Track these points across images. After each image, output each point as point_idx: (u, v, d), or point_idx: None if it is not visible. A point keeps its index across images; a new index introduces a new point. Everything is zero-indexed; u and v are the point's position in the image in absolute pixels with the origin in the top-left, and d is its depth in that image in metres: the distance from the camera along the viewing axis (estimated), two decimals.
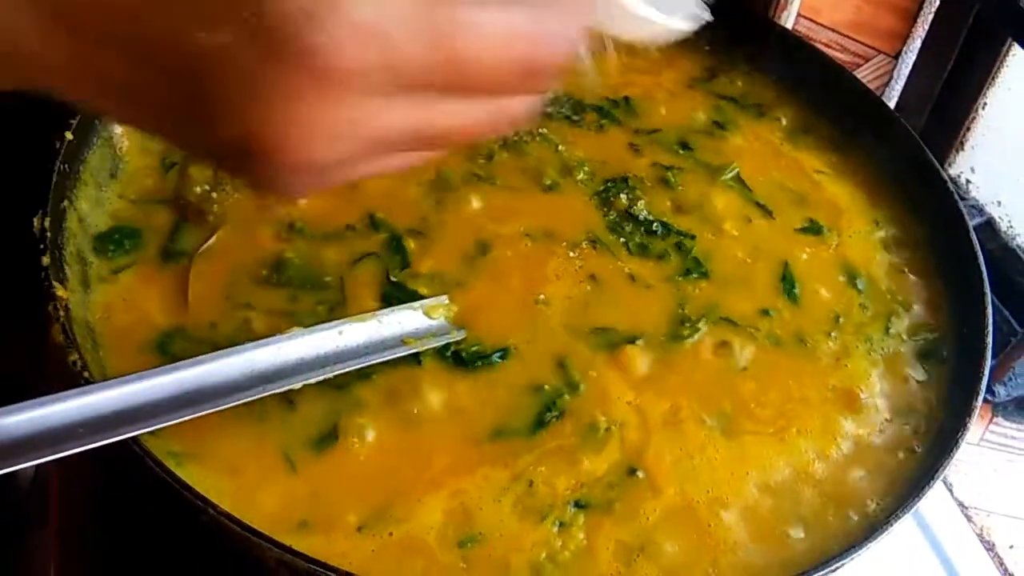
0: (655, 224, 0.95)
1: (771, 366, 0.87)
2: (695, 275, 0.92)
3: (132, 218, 0.87)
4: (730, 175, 1.02)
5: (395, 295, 0.85)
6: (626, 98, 1.08)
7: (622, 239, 0.93)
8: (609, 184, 0.98)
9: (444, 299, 0.84)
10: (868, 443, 0.84)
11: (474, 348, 0.82)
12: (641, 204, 0.96)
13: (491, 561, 0.71)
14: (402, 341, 0.80)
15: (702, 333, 0.87)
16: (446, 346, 0.82)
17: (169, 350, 0.78)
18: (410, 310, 0.82)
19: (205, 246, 0.85)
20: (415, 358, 0.81)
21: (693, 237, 0.95)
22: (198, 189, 0.89)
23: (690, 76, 1.14)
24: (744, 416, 0.83)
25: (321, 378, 0.75)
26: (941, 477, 0.76)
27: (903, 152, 1.05)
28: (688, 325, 0.87)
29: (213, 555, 0.74)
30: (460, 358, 0.81)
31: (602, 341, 0.85)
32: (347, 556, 0.70)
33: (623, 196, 0.96)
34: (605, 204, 0.97)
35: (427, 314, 0.83)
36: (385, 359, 0.79)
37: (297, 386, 0.74)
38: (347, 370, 0.77)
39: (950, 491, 1.10)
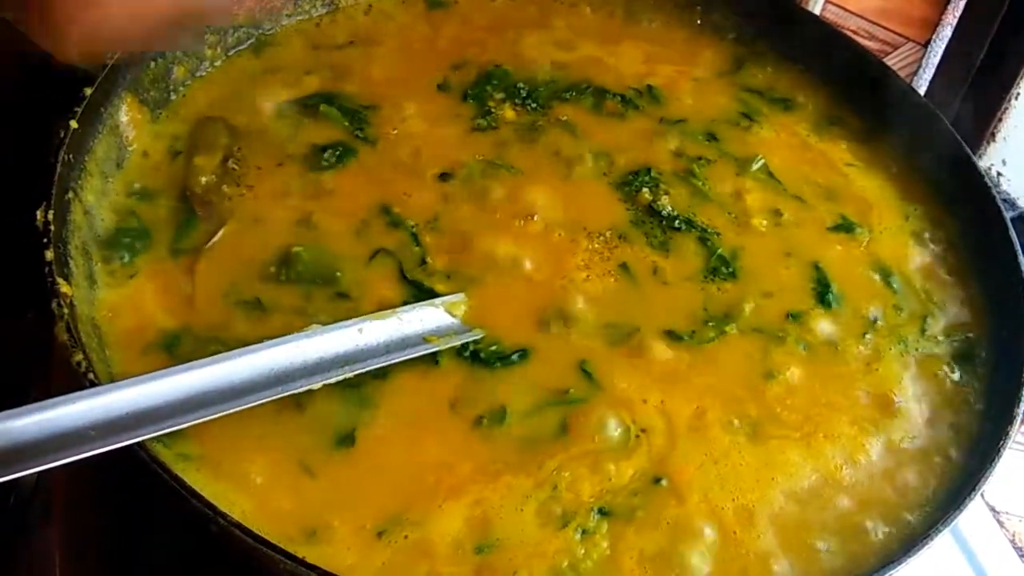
0: (678, 220, 0.91)
1: (799, 370, 0.83)
2: (722, 275, 0.88)
3: (138, 212, 0.84)
4: (757, 166, 0.98)
5: (411, 293, 0.82)
6: (649, 87, 1.04)
7: (645, 234, 0.90)
8: (631, 176, 0.95)
9: (461, 296, 0.81)
10: (901, 449, 0.80)
11: (493, 347, 0.79)
12: (665, 200, 0.93)
13: (511, 568, 0.69)
14: (423, 339, 0.77)
15: (729, 335, 0.84)
16: (464, 346, 0.79)
17: (176, 350, 0.75)
18: (431, 307, 0.79)
19: (212, 241, 0.82)
20: (432, 357, 0.78)
21: (719, 234, 0.91)
22: (204, 179, 0.86)
23: (716, 66, 1.10)
24: (770, 420, 0.80)
25: (340, 378, 0.73)
26: (983, 488, 0.73)
27: (936, 144, 1.01)
28: (714, 326, 0.84)
29: (224, 561, 0.71)
30: (479, 358, 0.79)
31: (625, 342, 0.82)
32: (355, 569, 0.67)
33: (646, 190, 0.93)
34: (628, 198, 0.93)
35: (448, 311, 0.80)
36: (406, 358, 0.76)
37: (316, 386, 0.72)
38: (368, 369, 0.74)
39: (982, 495, 1.06)
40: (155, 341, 0.76)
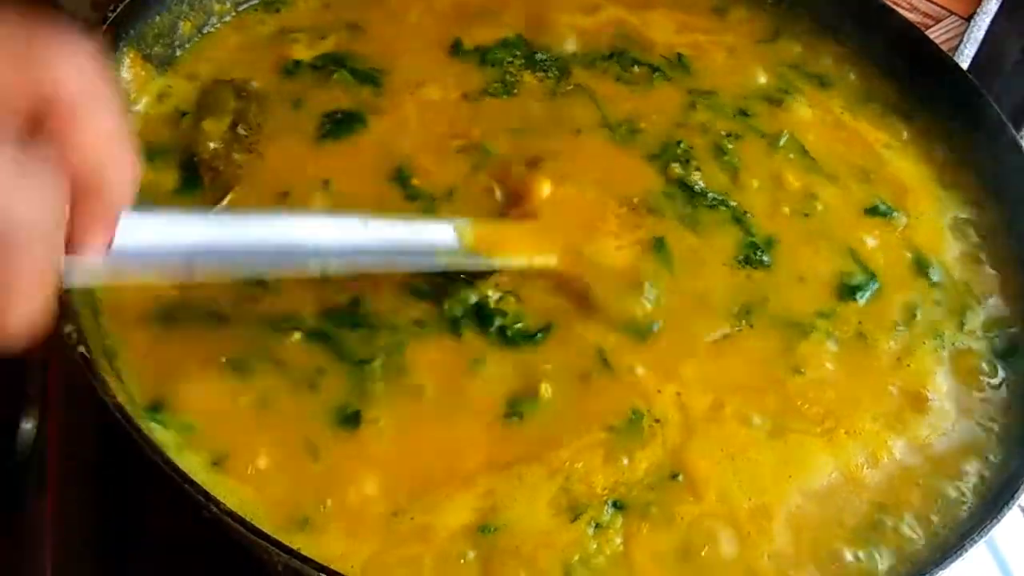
0: (709, 197, 0.87)
1: (825, 363, 0.79)
2: (753, 262, 0.84)
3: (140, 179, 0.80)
4: (785, 142, 0.93)
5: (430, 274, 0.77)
6: (679, 55, 0.99)
7: (674, 212, 0.85)
8: (660, 151, 0.90)
9: (468, 221, 0.77)
10: (932, 450, 0.76)
11: (518, 325, 0.75)
12: (696, 175, 0.88)
13: (520, 557, 0.66)
14: (432, 253, 0.73)
15: (753, 324, 0.80)
16: (489, 319, 0.75)
17: (174, 323, 0.72)
18: (442, 224, 0.75)
19: (216, 209, 0.78)
20: (455, 329, 0.74)
21: (749, 214, 0.87)
22: (212, 145, 0.82)
23: (751, 36, 1.04)
24: (790, 414, 0.76)
25: (336, 270, 0.68)
26: (1022, 496, 0.69)
27: (979, 124, 0.96)
28: (738, 313, 0.80)
29: (218, 544, 0.68)
30: (505, 335, 0.75)
31: (644, 327, 0.78)
32: (347, 557, 0.64)
33: (676, 164, 0.88)
34: (660, 172, 0.88)
35: (458, 233, 0.75)
36: (412, 267, 0.72)
37: (312, 271, 0.68)
38: (369, 267, 0.70)
39: None
40: (151, 312, 0.72)
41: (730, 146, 0.92)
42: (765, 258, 0.84)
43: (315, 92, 0.89)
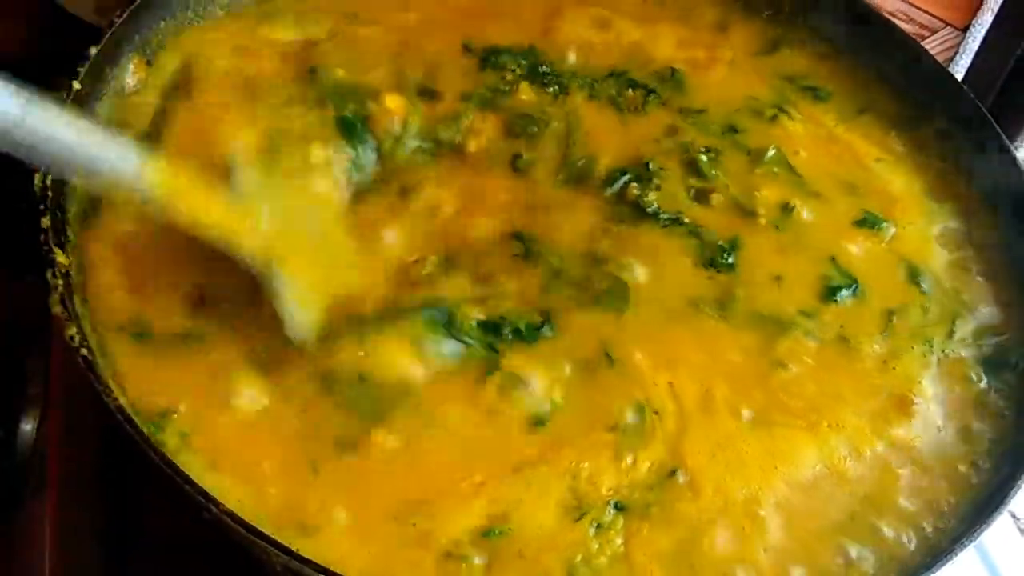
0: (664, 218, 0.86)
1: (807, 360, 0.80)
2: (719, 265, 0.84)
3: None
4: (769, 156, 0.92)
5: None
6: (672, 71, 0.98)
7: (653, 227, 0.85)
8: (621, 172, 0.88)
9: (162, 159, 0.68)
10: (919, 453, 0.77)
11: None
12: (652, 196, 0.86)
13: (524, 559, 0.67)
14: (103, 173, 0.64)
15: (729, 322, 0.80)
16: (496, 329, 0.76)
17: (146, 339, 0.72)
18: (129, 149, 0.66)
19: None
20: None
21: (707, 230, 0.86)
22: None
23: (750, 47, 1.04)
24: (774, 406, 0.77)
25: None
26: (1011, 502, 0.69)
27: (973, 135, 0.96)
28: (714, 312, 0.81)
29: (218, 543, 0.69)
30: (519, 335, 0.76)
31: (630, 322, 0.79)
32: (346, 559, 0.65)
33: (634, 186, 0.87)
34: (618, 198, 0.87)
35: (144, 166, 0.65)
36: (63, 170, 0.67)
37: None
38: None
39: None
40: (126, 324, 0.72)
41: (704, 159, 0.90)
42: (731, 263, 0.84)
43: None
